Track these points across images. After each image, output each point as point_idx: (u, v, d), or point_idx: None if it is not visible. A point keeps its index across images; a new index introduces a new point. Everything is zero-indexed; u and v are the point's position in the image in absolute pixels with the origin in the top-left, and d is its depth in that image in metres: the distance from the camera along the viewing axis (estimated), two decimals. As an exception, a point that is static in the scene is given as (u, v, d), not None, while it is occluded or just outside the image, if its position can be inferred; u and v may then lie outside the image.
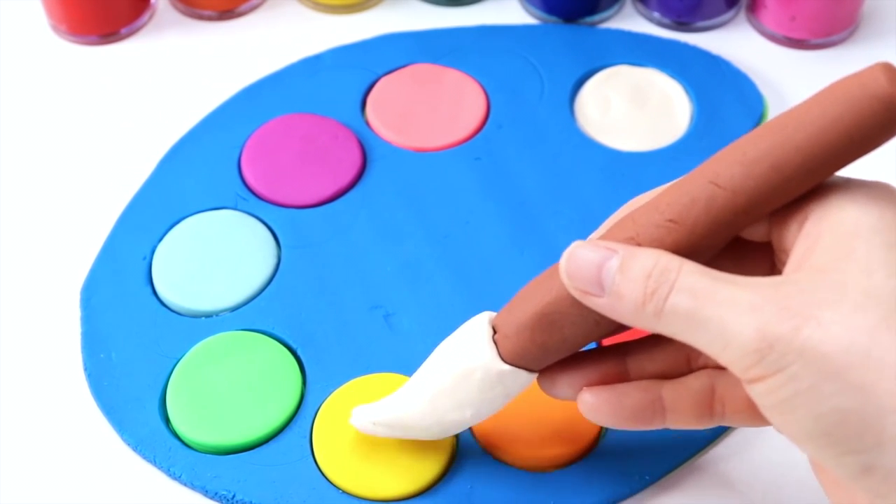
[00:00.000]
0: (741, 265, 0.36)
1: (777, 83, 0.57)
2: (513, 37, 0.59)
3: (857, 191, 0.33)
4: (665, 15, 0.60)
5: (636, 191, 0.39)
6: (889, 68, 0.31)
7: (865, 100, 0.31)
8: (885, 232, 0.31)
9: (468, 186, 0.52)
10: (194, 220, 0.51)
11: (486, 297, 0.48)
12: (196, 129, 0.56)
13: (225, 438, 0.44)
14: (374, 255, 0.50)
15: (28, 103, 0.58)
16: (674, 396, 0.38)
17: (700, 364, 0.38)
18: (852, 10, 0.59)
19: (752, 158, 0.33)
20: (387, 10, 0.62)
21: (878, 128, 0.31)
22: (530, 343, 0.37)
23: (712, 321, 0.31)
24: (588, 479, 0.43)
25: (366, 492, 0.42)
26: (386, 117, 0.55)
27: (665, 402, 0.38)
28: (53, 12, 0.60)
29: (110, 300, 0.49)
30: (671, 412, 0.38)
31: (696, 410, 0.38)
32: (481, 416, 0.40)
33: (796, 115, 0.32)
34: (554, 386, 0.39)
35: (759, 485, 0.43)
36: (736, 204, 0.33)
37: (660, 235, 0.34)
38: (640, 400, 0.38)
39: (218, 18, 0.62)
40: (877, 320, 0.30)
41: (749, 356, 0.31)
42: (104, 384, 0.46)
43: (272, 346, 0.47)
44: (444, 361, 0.39)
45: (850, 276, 0.31)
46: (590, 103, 0.56)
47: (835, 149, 0.32)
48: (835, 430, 0.30)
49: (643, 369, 0.38)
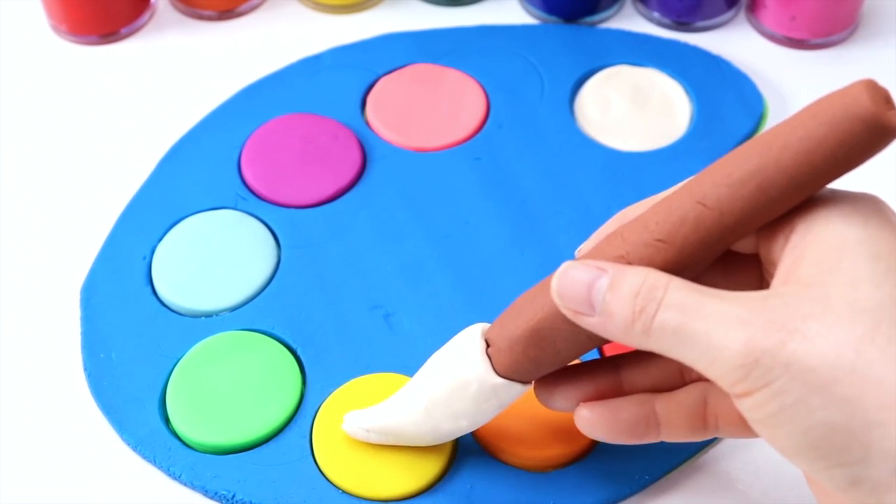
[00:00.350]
0: (730, 277, 0.37)
1: (777, 83, 0.57)
2: (513, 37, 0.59)
3: (842, 203, 0.33)
4: (665, 15, 0.60)
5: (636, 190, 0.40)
6: (871, 87, 0.31)
7: (848, 121, 0.31)
8: (870, 244, 0.31)
9: (468, 186, 0.52)
10: (194, 220, 0.51)
11: (486, 297, 0.48)
12: (196, 129, 0.56)
13: (225, 438, 0.44)
14: (374, 255, 0.50)
15: (28, 103, 0.58)
16: (667, 410, 0.38)
17: (693, 377, 0.38)
18: (852, 10, 0.59)
19: (738, 179, 0.33)
20: (387, 10, 0.62)
21: (862, 147, 0.32)
22: (523, 357, 0.37)
23: (699, 336, 0.31)
24: (588, 479, 0.43)
25: (366, 492, 0.42)
26: (386, 117, 0.55)
27: (659, 416, 0.38)
28: (53, 12, 0.60)
29: (110, 300, 0.49)
30: (665, 426, 0.38)
31: (689, 423, 0.38)
32: (476, 425, 0.40)
33: (781, 135, 0.32)
34: (550, 398, 0.39)
35: (759, 485, 0.43)
36: (724, 224, 0.33)
37: (649, 254, 0.34)
38: (634, 414, 0.38)
39: (218, 18, 0.62)
40: (862, 333, 0.30)
41: (735, 371, 0.31)
42: (104, 384, 0.46)
43: (272, 346, 0.47)
44: (439, 373, 0.40)
45: (835, 289, 0.31)
46: (590, 103, 0.56)
47: (819, 168, 0.32)
48: (822, 443, 0.30)
49: (637, 383, 0.39)
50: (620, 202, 0.39)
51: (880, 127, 0.31)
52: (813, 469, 0.31)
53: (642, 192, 0.39)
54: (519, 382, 0.39)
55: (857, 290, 0.31)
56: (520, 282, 0.38)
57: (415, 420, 0.40)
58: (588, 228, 0.39)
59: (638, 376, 0.39)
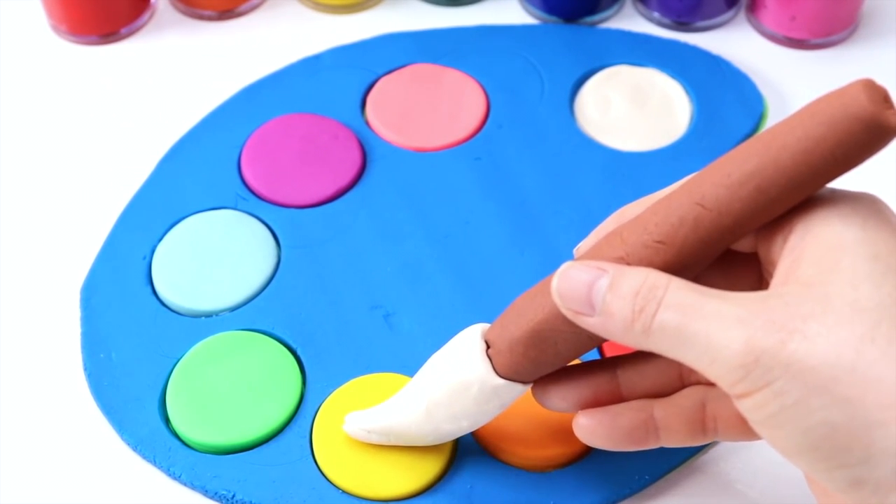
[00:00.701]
0: (729, 276, 0.37)
1: (777, 83, 0.57)
2: (513, 37, 0.59)
3: (841, 203, 0.33)
4: (665, 15, 0.60)
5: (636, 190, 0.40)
6: (870, 86, 0.31)
7: (847, 121, 0.31)
8: (869, 244, 0.31)
9: (468, 186, 0.52)
10: (194, 220, 0.51)
11: (486, 297, 0.48)
12: (196, 129, 0.56)
13: (225, 438, 0.44)
14: (374, 255, 0.50)
15: (28, 103, 0.58)
16: (666, 414, 0.38)
17: (692, 380, 0.38)
18: (852, 10, 0.59)
19: (736, 180, 0.33)
20: (387, 10, 0.62)
21: (860, 147, 0.31)
22: (523, 358, 0.37)
23: (699, 336, 0.31)
24: (588, 479, 0.43)
25: (366, 491, 0.42)
26: (386, 117, 0.55)
27: (658, 421, 0.38)
28: (53, 12, 0.60)
29: (110, 300, 0.49)
30: (664, 430, 0.38)
31: (688, 428, 0.38)
32: (477, 425, 0.40)
33: (780, 135, 0.32)
34: (546, 398, 0.39)
35: (758, 485, 0.43)
36: (722, 225, 0.33)
37: (648, 256, 0.34)
38: (633, 420, 0.38)
39: (218, 18, 0.62)
40: (862, 333, 0.30)
41: (735, 371, 0.31)
42: (104, 384, 0.46)
43: (272, 346, 0.47)
44: (440, 374, 0.40)
45: (835, 289, 0.31)
46: (590, 103, 0.56)
47: (818, 169, 0.32)
48: (823, 444, 0.30)
49: (635, 386, 0.39)
50: (620, 202, 0.39)
51: (879, 126, 0.31)
52: (814, 470, 0.31)
53: (642, 192, 0.39)
54: (520, 383, 0.39)
55: (856, 290, 0.31)
56: (520, 282, 0.38)
57: (416, 421, 0.40)
58: (588, 228, 0.39)
59: (636, 378, 0.39)
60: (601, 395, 0.39)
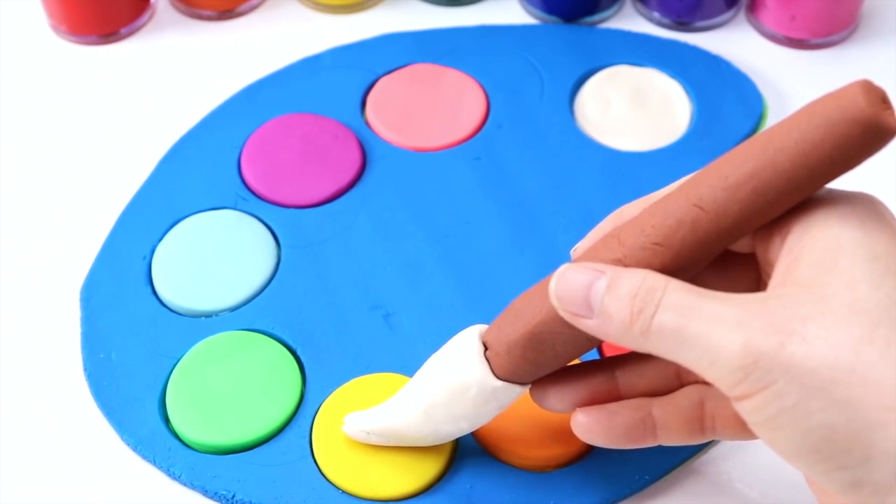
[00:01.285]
0: (727, 276, 0.36)
1: (777, 83, 0.57)
2: (513, 37, 0.59)
3: (839, 204, 0.33)
4: (665, 15, 0.60)
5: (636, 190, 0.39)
6: (867, 88, 0.31)
7: (844, 123, 0.31)
8: (867, 245, 0.31)
9: (468, 186, 0.52)
10: (194, 220, 0.51)
11: (486, 297, 0.48)
12: (196, 129, 0.56)
13: (225, 438, 0.44)
14: (374, 255, 0.50)
15: (28, 103, 0.58)
16: (664, 413, 0.38)
17: (690, 380, 0.38)
18: (852, 10, 0.59)
19: (734, 182, 0.33)
20: (387, 10, 0.62)
21: (858, 149, 0.31)
22: (522, 360, 0.37)
23: (698, 337, 0.31)
24: (588, 479, 0.43)
25: (365, 491, 0.42)
26: (386, 117, 0.55)
27: (656, 420, 0.38)
28: (53, 12, 0.60)
29: (110, 300, 0.49)
30: (662, 429, 0.38)
31: (686, 426, 0.38)
32: (476, 426, 0.40)
33: (777, 137, 0.32)
34: (544, 398, 0.39)
35: (757, 485, 0.43)
36: (720, 226, 0.33)
37: (646, 258, 0.34)
38: (631, 418, 0.38)
39: (218, 18, 0.62)
40: (861, 334, 0.30)
41: (734, 373, 0.31)
42: (104, 384, 0.46)
43: (272, 346, 0.47)
44: (438, 376, 0.40)
45: (833, 290, 0.31)
46: (590, 103, 0.56)
47: (816, 171, 0.32)
48: (822, 445, 0.30)
49: (633, 385, 0.39)
50: (620, 202, 0.39)
51: (876, 128, 0.31)
52: (814, 472, 0.31)
53: (642, 192, 0.39)
54: (518, 384, 0.39)
55: (855, 291, 0.31)
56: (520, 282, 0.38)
57: (415, 422, 0.40)
58: (587, 228, 0.39)
59: (634, 378, 0.39)
60: (599, 395, 0.39)
